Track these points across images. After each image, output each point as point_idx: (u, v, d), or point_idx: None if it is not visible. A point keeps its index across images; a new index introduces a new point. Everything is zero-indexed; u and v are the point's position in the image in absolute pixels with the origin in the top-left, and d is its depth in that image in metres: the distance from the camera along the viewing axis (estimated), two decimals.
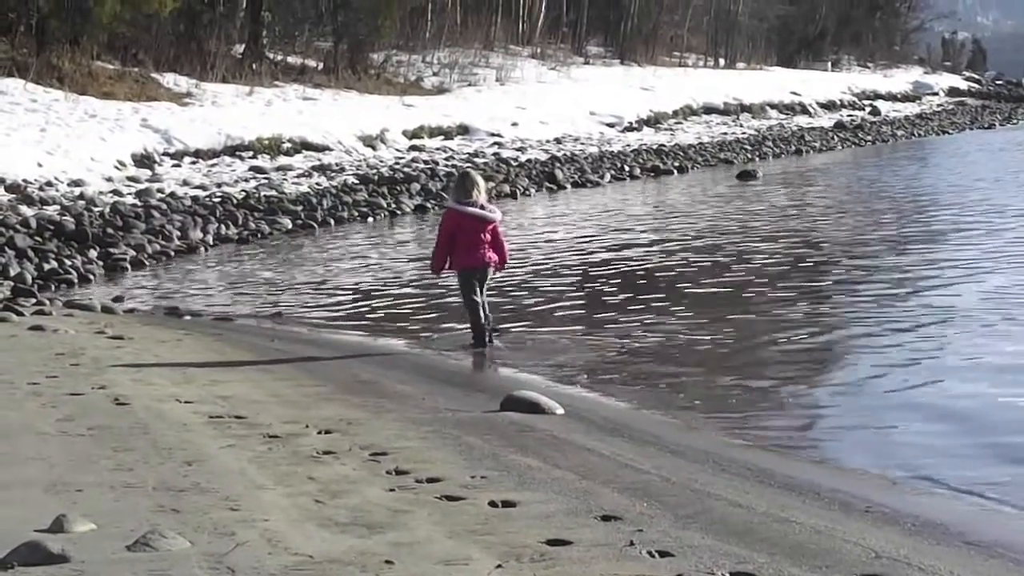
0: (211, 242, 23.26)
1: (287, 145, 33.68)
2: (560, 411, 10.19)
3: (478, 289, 13.57)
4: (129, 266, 20.65)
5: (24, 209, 23.12)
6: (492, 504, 7.16)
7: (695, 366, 12.84)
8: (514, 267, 19.89)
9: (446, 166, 34.07)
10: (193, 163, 30.81)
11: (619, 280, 18.48)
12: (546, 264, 20.37)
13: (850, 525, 7.19)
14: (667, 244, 22.40)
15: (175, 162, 30.43)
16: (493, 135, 41.06)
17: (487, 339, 13.63)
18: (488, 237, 13.57)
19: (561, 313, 15.83)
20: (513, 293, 17.46)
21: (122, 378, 11.16)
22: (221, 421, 9.37)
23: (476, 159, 36.27)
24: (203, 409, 9.82)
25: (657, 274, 18.92)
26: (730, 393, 11.46)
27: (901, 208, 27.58)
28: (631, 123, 48.78)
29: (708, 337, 13.95)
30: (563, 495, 7.41)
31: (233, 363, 12.56)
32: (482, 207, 13.58)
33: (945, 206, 27.37)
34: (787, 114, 60.80)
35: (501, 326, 14.34)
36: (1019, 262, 18.43)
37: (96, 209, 23.81)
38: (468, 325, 13.80)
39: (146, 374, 11.48)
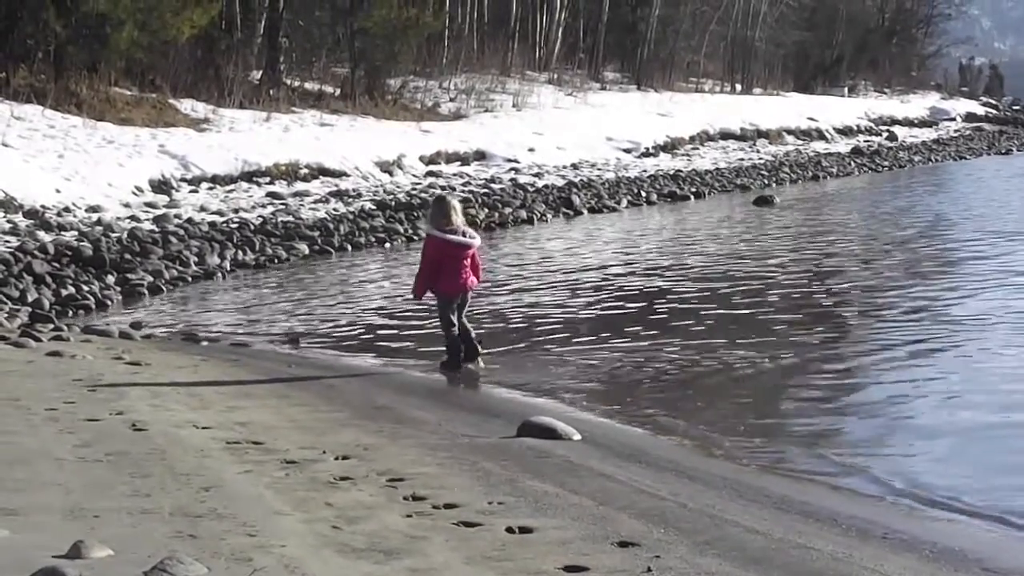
0: (228, 268, 23.27)
1: (304, 171, 33.71)
2: (577, 437, 10.19)
3: (457, 312, 13.86)
4: (147, 292, 20.67)
5: (42, 235, 23.18)
6: (509, 530, 7.16)
7: (711, 391, 12.84)
8: (529, 291, 19.92)
9: (463, 191, 34.08)
10: (210, 189, 30.85)
11: (635, 304, 18.48)
12: (561, 288, 20.37)
13: (868, 551, 7.18)
14: (683, 269, 22.39)
15: (192, 188, 30.48)
16: (510, 161, 41.08)
17: (465, 352, 13.93)
18: (468, 262, 13.83)
19: (577, 338, 15.81)
20: (528, 317, 17.47)
21: (139, 404, 11.18)
22: (238, 447, 9.38)
23: (493, 184, 36.29)
24: (220, 435, 9.82)
25: (673, 298, 18.90)
26: (746, 419, 11.44)
27: (918, 234, 27.55)
28: (648, 149, 48.76)
29: (724, 362, 13.93)
30: (580, 521, 7.40)
31: (250, 389, 12.58)
32: (463, 233, 13.81)
33: (961, 232, 27.34)
34: (804, 140, 60.76)
35: (486, 350, 14.41)
36: None
37: (114, 235, 23.85)
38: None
39: (163, 400, 11.50)
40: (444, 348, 14.09)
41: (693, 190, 40.08)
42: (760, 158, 51.60)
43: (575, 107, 53.81)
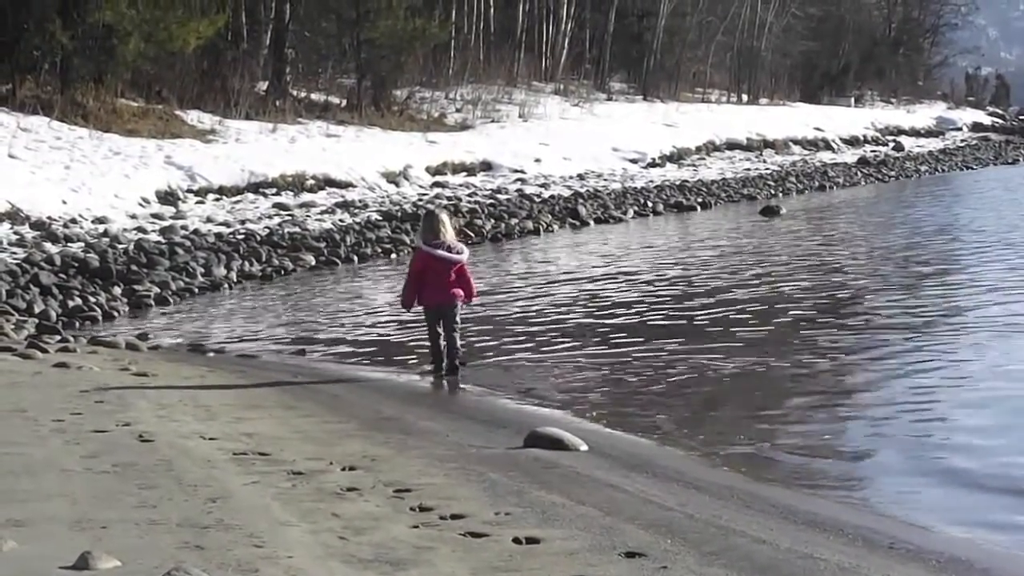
0: (235, 279, 23.27)
1: (310, 182, 33.73)
2: (584, 447, 10.19)
3: (441, 323, 14.19)
4: (153, 303, 20.69)
5: (49, 246, 23.21)
6: (516, 541, 7.16)
7: (717, 401, 12.83)
8: (536, 300, 19.92)
9: (469, 202, 34.11)
10: (217, 200, 30.87)
11: (641, 314, 18.47)
12: (568, 298, 20.37)
13: (874, 561, 7.17)
14: (690, 278, 22.38)
15: (199, 199, 30.51)
16: (516, 171, 41.09)
17: (444, 367, 14.24)
18: (454, 276, 14.19)
19: (583, 347, 15.80)
20: (535, 327, 17.46)
21: (146, 415, 11.18)
22: (245, 458, 9.38)
23: (499, 195, 36.29)
24: (227, 446, 9.83)
25: (680, 308, 18.89)
26: (752, 428, 11.43)
27: (924, 244, 27.52)
28: (654, 159, 48.77)
29: (731, 372, 13.93)
30: (587, 532, 7.40)
31: (257, 399, 12.58)
32: (449, 247, 14.18)
33: (968, 242, 27.33)
34: (810, 150, 60.73)
35: (469, 362, 14.61)
36: None
37: (120, 246, 23.87)
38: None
39: (170, 411, 11.50)
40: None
41: (699, 200, 40.06)
42: (766, 168, 51.56)
43: (581, 117, 53.84)
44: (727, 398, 13.02)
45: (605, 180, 42.90)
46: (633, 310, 19.05)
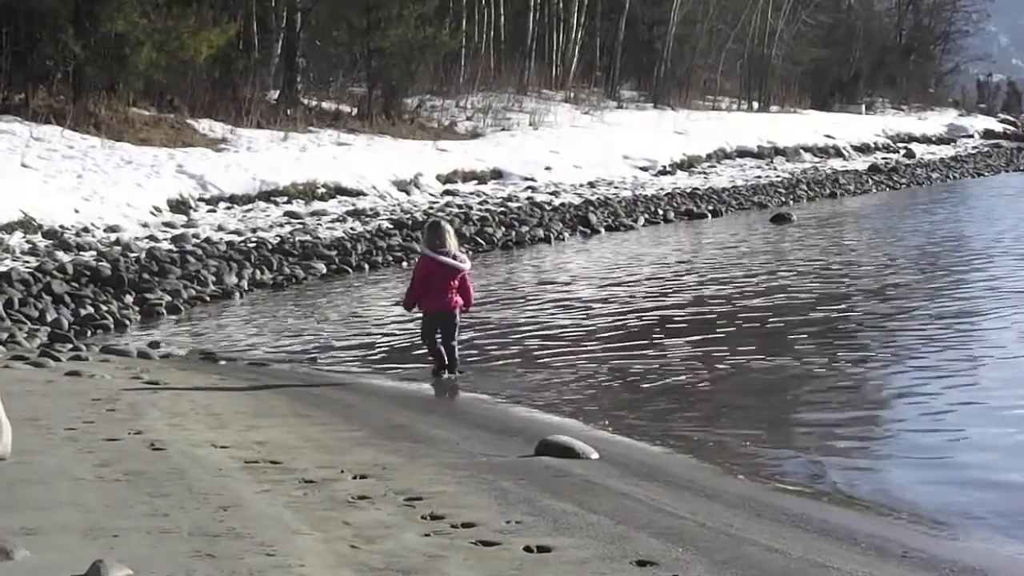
0: (246, 287, 23.28)
1: (321, 190, 33.74)
2: (595, 455, 10.18)
3: (439, 329, 14.77)
4: (165, 311, 20.70)
5: (61, 255, 23.22)
6: (527, 549, 7.15)
7: (729, 409, 12.83)
8: (547, 308, 19.92)
9: (480, 210, 34.10)
10: (228, 208, 30.89)
11: (652, 322, 18.46)
12: (579, 305, 20.37)
13: (887, 570, 7.16)
14: (701, 286, 22.38)
15: (210, 207, 30.52)
16: (527, 179, 41.07)
17: (445, 370, 14.75)
18: (456, 284, 14.67)
19: (594, 355, 15.81)
20: (546, 334, 17.46)
21: (158, 423, 11.19)
22: (256, 466, 9.39)
23: (510, 203, 36.28)
24: (239, 454, 9.83)
25: (691, 316, 18.89)
26: (764, 437, 11.43)
27: (936, 253, 27.50)
28: (664, 167, 48.71)
29: (742, 380, 13.93)
30: (598, 540, 7.39)
31: (268, 408, 12.59)
32: (454, 256, 14.67)
33: (979, 249, 27.30)
34: (821, 157, 60.62)
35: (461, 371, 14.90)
36: None
37: (132, 255, 23.89)
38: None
39: (182, 419, 11.51)
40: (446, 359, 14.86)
41: (710, 208, 40.03)
42: (777, 176, 51.48)
43: (592, 125, 53.76)
44: (739, 406, 13.01)
45: (616, 188, 42.89)
46: (644, 318, 19.05)
